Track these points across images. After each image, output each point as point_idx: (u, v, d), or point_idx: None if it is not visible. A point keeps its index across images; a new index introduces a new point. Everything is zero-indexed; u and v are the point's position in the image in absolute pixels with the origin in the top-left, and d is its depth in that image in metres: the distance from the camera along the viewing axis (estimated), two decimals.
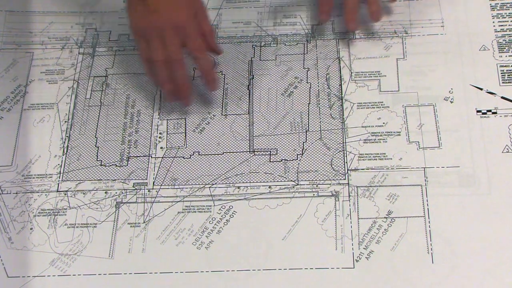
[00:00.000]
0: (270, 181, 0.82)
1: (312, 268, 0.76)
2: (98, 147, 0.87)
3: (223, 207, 0.81)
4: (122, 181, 0.84)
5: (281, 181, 0.82)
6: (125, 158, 0.86)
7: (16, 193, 0.84)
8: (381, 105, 0.86)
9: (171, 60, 0.82)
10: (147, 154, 0.86)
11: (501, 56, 0.88)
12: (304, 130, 0.85)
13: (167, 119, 0.88)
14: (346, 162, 0.83)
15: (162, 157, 0.85)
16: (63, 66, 0.93)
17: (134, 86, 0.92)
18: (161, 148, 0.86)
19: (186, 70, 0.84)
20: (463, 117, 0.84)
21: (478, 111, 0.84)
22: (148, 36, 0.82)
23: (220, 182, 0.83)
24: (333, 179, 0.82)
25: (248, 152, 0.85)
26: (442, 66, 0.88)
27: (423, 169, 0.81)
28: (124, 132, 0.88)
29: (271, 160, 0.84)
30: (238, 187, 0.82)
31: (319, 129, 0.85)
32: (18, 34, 0.97)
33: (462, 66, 0.88)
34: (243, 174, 0.83)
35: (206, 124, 0.87)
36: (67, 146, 0.87)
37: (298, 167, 0.83)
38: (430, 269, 0.75)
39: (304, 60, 0.91)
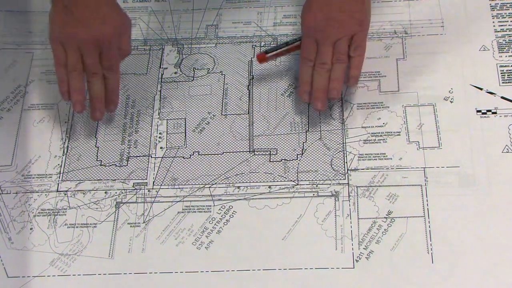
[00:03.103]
0: (270, 181, 0.82)
1: (312, 268, 0.76)
2: (98, 147, 0.87)
3: (223, 207, 0.81)
4: (122, 181, 0.84)
5: (281, 181, 0.82)
6: (125, 158, 0.86)
7: (16, 193, 0.84)
8: (381, 105, 0.86)
9: (88, 73, 0.83)
10: (147, 154, 0.86)
11: (501, 56, 0.88)
12: (304, 130, 0.85)
13: (167, 119, 0.88)
14: (346, 162, 0.82)
15: (162, 157, 0.85)
16: None
17: (134, 86, 0.92)
18: (161, 148, 0.86)
19: (102, 85, 0.84)
20: (463, 117, 0.84)
21: (478, 111, 0.84)
22: (67, 45, 0.82)
23: (220, 182, 0.83)
24: (333, 179, 0.82)
25: (248, 152, 0.85)
26: (442, 66, 0.88)
27: (423, 169, 0.81)
28: (124, 132, 0.88)
29: (271, 160, 0.84)
30: (238, 187, 0.82)
31: (319, 129, 0.85)
32: (18, 34, 0.97)
33: (462, 66, 0.88)
34: (243, 174, 0.83)
35: (206, 124, 0.87)
36: (67, 146, 0.87)
37: (298, 167, 0.83)
38: (430, 269, 0.75)
39: None
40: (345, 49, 0.82)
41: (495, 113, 0.84)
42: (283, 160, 0.83)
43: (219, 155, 0.85)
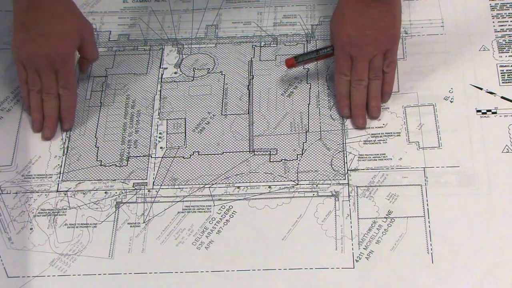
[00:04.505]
0: (270, 181, 0.82)
1: (312, 268, 0.76)
2: (98, 147, 0.87)
3: (223, 207, 0.81)
4: (122, 181, 0.84)
5: (281, 181, 0.82)
6: (125, 158, 0.86)
7: (16, 193, 0.83)
8: (381, 105, 0.86)
9: (43, 92, 0.85)
10: (147, 154, 0.86)
11: (501, 56, 0.88)
12: (304, 131, 0.85)
13: (167, 119, 0.88)
14: (346, 162, 0.82)
15: (162, 157, 0.85)
16: None
17: (134, 86, 0.92)
18: (161, 148, 0.86)
19: (56, 103, 0.86)
20: (463, 117, 0.84)
21: (478, 111, 0.84)
22: (26, 64, 0.85)
23: (220, 182, 0.83)
24: (333, 179, 0.81)
25: (248, 152, 0.85)
26: (442, 66, 0.88)
27: (423, 169, 0.81)
28: (124, 132, 0.88)
29: (271, 160, 0.84)
30: (238, 187, 0.82)
31: (319, 129, 0.85)
32: None
33: (462, 66, 0.88)
34: (243, 174, 0.83)
35: (206, 124, 0.87)
36: (67, 146, 0.87)
37: (298, 167, 0.83)
38: (430, 269, 0.75)
39: None
40: (381, 66, 0.83)
41: (495, 113, 0.84)
42: (283, 160, 0.83)
43: (219, 155, 0.85)
